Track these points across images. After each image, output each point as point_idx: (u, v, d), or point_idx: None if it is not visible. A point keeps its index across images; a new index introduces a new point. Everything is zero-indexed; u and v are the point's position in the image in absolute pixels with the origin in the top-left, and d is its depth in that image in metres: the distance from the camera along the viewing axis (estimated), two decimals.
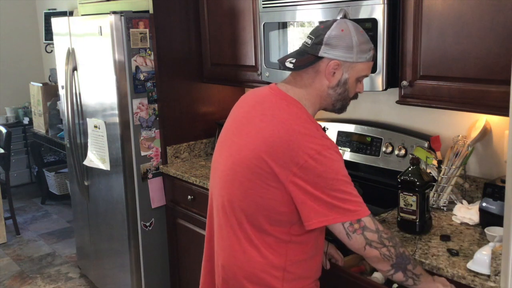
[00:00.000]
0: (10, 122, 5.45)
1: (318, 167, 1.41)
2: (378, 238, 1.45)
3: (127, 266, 3.03)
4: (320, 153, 1.41)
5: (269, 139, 1.46)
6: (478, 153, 2.15)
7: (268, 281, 1.53)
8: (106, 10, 2.98)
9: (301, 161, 1.41)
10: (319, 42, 1.49)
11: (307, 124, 1.47)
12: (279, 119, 1.48)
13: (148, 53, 2.86)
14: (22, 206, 5.29)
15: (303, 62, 1.51)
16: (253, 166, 1.47)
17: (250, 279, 1.54)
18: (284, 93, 1.54)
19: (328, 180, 1.41)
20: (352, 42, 1.48)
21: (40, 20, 5.71)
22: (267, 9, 2.44)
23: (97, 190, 3.23)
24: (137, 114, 2.86)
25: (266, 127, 1.48)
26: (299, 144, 1.42)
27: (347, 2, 2.04)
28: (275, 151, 1.43)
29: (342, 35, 1.48)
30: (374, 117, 2.55)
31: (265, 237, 1.50)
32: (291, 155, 1.42)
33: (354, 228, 1.43)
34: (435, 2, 1.84)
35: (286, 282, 1.54)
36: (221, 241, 1.61)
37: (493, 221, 1.79)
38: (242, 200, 1.51)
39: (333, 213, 1.42)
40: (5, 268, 3.94)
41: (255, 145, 1.48)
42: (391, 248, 1.46)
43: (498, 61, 1.69)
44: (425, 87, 1.93)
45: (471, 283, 1.55)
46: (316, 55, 1.50)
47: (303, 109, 1.52)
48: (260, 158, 1.45)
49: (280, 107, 1.51)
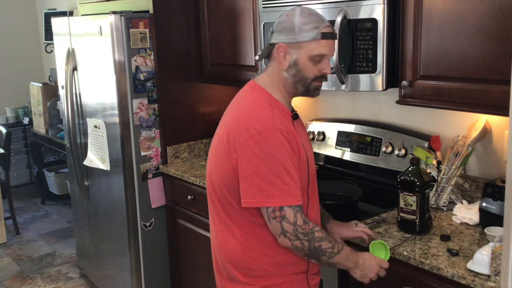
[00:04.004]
0: (10, 122, 5.45)
1: (256, 147, 1.49)
2: (293, 230, 1.51)
3: (127, 266, 3.03)
4: (260, 133, 1.49)
5: (229, 122, 1.59)
6: (478, 153, 2.15)
7: (248, 264, 1.61)
8: (106, 10, 2.98)
9: (242, 139, 1.51)
10: (272, 31, 1.60)
11: (261, 107, 1.57)
12: (241, 104, 1.63)
13: (148, 53, 2.86)
14: (22, 206, 5.29)
15: (264, 52, 1.65)
16: (218, 149, 1.61)
17: (232, 262, 1.64)
18: (255, 83, 1.66)
19: (263, 161, 1.48)
20: (293, 24, 1.55)
21: (40, 20, 5.71)
22: (267, 9, 2.44)
23: (97, 190, 3.23)
24: (137, 114, 2.86)
25: (231, 112, 1.63)
26: (245, 124, 1.52)
27: (347, 2, 2.04)
28: (230, 132, 1.55)
29: (286, 19, 1.57)
30: (374, 117, 2.55)
31: (238, 218, 1.60)
32: (237, 134, 1.52)
33: (275, 214, 1.50)
34: (435, 2, 1.84)
35: (266, 265, 1.60)
36: (211, 224, 1.75)
37: (493, 221, 1.79)
38: (214, 182, 1.64)
39: (259, 196, 1.50)
40: (5, 268, 3.94)
41: (222, 130, 1.61)
42: (304, 242, 1.52)
43: (498, 61, 1.69)
44: (425, 87, 1.93)
45: (471, 283, 1.55)
46: (269, 43, 1.61)
47: (266, 95, 1.61)
48: (221, 140, 1.58)
49: (246, 94, 1.65)
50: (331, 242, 1.57)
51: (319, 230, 1.55)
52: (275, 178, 1.48)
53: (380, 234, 1.91)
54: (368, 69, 2.03)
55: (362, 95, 2.59)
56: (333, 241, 1.59)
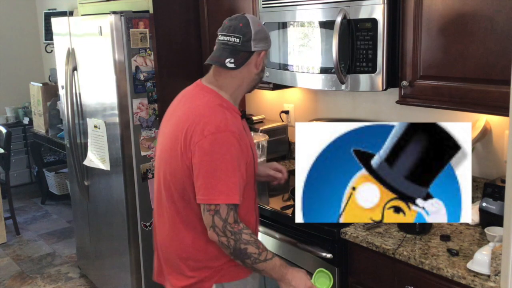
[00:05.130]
0: (10, 122, 5.45)
1: (208, 147, 1.58)
2: (222, 226, 1.58)
3: (127, 266, 3.04)
4: (213, 134, 1.59)
5: (184, 123, 1.66)
6: (478, 153, 2.15)
7: (196, 256, 1.71)
8: (106, 10, 2.98)
9: (196, 139, 1.60)
10: (249, 39, 1.68)
11: (214, 109, 1.66)
12: (193, 106, 1.70)
13: (148, 53, 2.86)
14: (22, 206, 5.29)
15: (242, 60, 1.70)
16: (172, 149, 1.69)
17: (181, 256, 1.74)
18: (204, 85, 1.76)
19: (213, 160, 1.58)
20: (266, 33, 1.74)
21: (40, 20, 5.71)
22: (267, 9, 2.44)
23: (97, 190, 3.23)
24: (137, 114, 2.86)
25: (185, 113, 1.70)
26: (200, 125, 1.61)
27: (347, 2, 2.04)
28: (186, 132, 1.63)
29: (261, 29, 1.72)
30: (374, 117, 2.55)
31: (188, 214, 1.69)
32: (192, 135, 1.61)
33: (210, 207, 1.59)
34: (435, 2, 1.85)
35: (212, 255, 1.70)
36: (158, 221, 1.84)
37: (493, 221, 1.79)
38: (166, 181, 1.72)
39: (209, 193, 1.58)
40: (5, 268, 3.94)
41: (176, 130, 1.69)
42: (231, 240, 1.59)
43: (498, 61, 1.69)
44: (425, 87, 1.93)
45: (471, 283, 1.55)
46: (249, 50, 1.70)
47: (218, 97, 1.71)
48: (176, 140, 1.66)
49: (197, 97, 1.74)
50: (259, 248, 1.62)
51: (248, 233, 1.61)
52: (223, 176, 1.58)
53: (380, 234, 1.91)
54: (368, 69, 2.03)
55: (362, 95, 2.59)
56: (263, 249, 1.64)
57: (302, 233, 2.11)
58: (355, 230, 1.95)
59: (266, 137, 2.70)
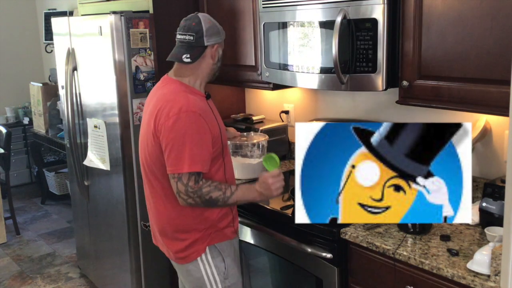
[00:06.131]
0: (10, 122, 5.45)
1: (173, 125, 1.84)
2: (185, 191, 1.85)
3: (127, 266, 3.04)
4: (177, 114, 1.84)
5: (153, 110, 1.94)
6: (478, 153, 2.15)
7: (184, 223, 1.98)
8: (106, 10, 2.98)
9: (163, 121, 1.87)
10: (201, 36, 1.95)
11: (179, 94, 1.92)
12: (162, 95, 1.96)
13: (148, 53, 2.86)
14: (22, 206, 5.29)
15: (197, 54, 1.97)
16: (147, 135, 1.97)
17: (171, 225, 2.01)
18: (170, 77, 2.03)
19: (177, 136, 1.83)
20: (218, 28, 2.01)
21: (40, 20, 5.71)
22: (267, 9, 2.44)
23: (97, 190, 3.23)
24: (137, 114, 2.86)
25: (156, 104, 1.95)
26: (166, 109, 1.87)
27: (347, 2, 2.04)
28: (156, 118, 1.90)
29: (212, 25, 1.98)
30: (374, 117, 2.55)
31: (168, 187, 1.93)
32: (160, 118, 1.88)
33: (174, 176, 1.86)
34: (435, 2, 1.85)
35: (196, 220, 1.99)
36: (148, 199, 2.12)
37: (493, 221, 1.79)
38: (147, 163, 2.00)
39: (175, 164, 1.84)
40: (5, 268, 3.94)
41: (149, 118, 1.95)
42: (196, 199, 1.86)
43: (498, 61, 1.69)
44: (425, 87, 1.93)
45: (471, 283, 1.55)
46: (203, 45, 1.96)
47: (181, 84, 1.98)
48: (149, 127, 1.94)
49: (166, 87, 2.00)
50: (222, 189, 1.89)
51: (207, 184, 1.86)
52: (186, 150, 1.82)
53: (380, 234, 1.91)
54: (368, 69, 2.03)
55: (362, 95, 2.59)
56: (225, 187, 1.90)
57: (302, 233, 2.11)
58: (355, 230, 1.95)
59: (266, 137, 2.70)
